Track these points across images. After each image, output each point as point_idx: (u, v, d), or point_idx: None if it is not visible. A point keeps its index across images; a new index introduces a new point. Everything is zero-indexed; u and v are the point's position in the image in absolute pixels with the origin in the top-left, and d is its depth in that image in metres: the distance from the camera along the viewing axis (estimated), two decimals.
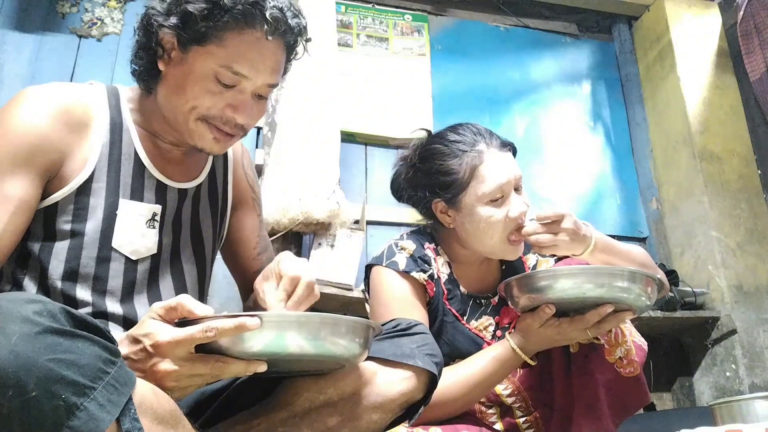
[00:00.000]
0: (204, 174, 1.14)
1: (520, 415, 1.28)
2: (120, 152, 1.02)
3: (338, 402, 0.87)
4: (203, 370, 0.74)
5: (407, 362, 0.91)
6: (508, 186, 1.22)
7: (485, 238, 1.22)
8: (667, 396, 2.64)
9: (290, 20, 1.00)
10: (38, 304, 0.60)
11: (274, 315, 0.80)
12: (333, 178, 2.21)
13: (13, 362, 0.55)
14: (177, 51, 0.97)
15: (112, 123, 1.02)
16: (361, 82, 2.67)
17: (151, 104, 1.05)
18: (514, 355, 1.16)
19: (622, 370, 1.16)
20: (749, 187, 2.70)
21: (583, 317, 1.09)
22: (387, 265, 1.24)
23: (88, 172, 0.98)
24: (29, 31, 2.38)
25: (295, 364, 0.83)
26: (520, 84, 2.94)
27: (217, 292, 2.25)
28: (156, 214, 1.04)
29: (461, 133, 1.25)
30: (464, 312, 1.28)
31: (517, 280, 1.13)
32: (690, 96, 2.78)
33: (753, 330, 2.43)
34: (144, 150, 1.05)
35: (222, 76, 0.96)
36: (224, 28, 0.94)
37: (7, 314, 0.58)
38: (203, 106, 0.97)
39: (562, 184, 2.80)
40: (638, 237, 2.85)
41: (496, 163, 1.22)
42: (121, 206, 0.99)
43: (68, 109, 0.98)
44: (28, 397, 0.55)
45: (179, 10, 0.95)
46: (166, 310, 0.76)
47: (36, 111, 0.95)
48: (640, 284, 1.07)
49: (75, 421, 0.56)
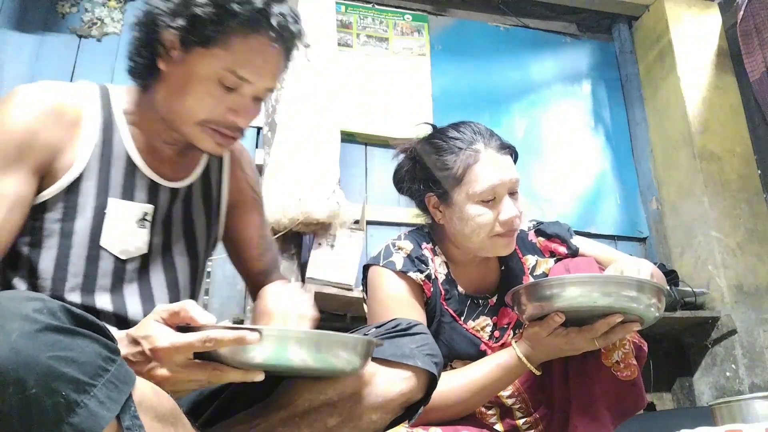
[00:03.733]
0: (197, 173, 1.13)
1: (520, 416, 1.28)
2: (111, 151, 1.02)
3: (338, 402, 0.86)
4: (200, 377, 0.75)
5: (407, 362, 0.90)
6: (502, 188, 1.20)
7: (473, 235, 1.22)
8: (667, 396, 2.64)
9: (291, 26, 1.00)
10: (38, 301, 0.60)
11: (275, 330, 0.82)
12: (333, 178, 2.21)
13: (14, 359, 0.55)
14: (178, 51, 0.97)
15: (104, 122, 1.02)
16: (361, 82, 2.67)
17: (147, 103, 1.04)
18: (520, 364, 1.16)
19: (619, 374, 1.15)
20: (749, 187, 2.70)
21: (592, 327, 1.08)
22: (384, 265, 1.24)
23: (78, 170, 0.98)
24: (29, 31, 2.38)
25: (295, 374, 0.85)
26: (520, 84, 2.94)
27: (217, 292, 2.25)
28: (147, 213, 1.03)
29: (461, 131, 1.25)
30: (462, 312, 1.28)
31: (526, 288, 1.12)
32: (690, 96, 2.78)
33: (753, 330, 2.43)
34: (136, 149, 1.04)
35: (225, 79, 0.96)
36: (230, 32, 0.95)
37: (7, 312, 0.58)
38: (204, 109, 0.98)
39: (562, 184, 2.80)
40: (638, 237, 2.85)
41: (492, 164, 1.21)
42: (110, 205, 0.99)
43: (59, 107, 0.98)
44: (29, 394, 0.55)
45: (187, 12, 0.94)
46: (169, 314, 0.76)
47: (26, 109, 0.95)
48: (650, 294, 1.06)
49: (75, 417, 0.57)
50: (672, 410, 2.54)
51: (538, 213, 2.62)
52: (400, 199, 1.47)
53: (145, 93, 1.05)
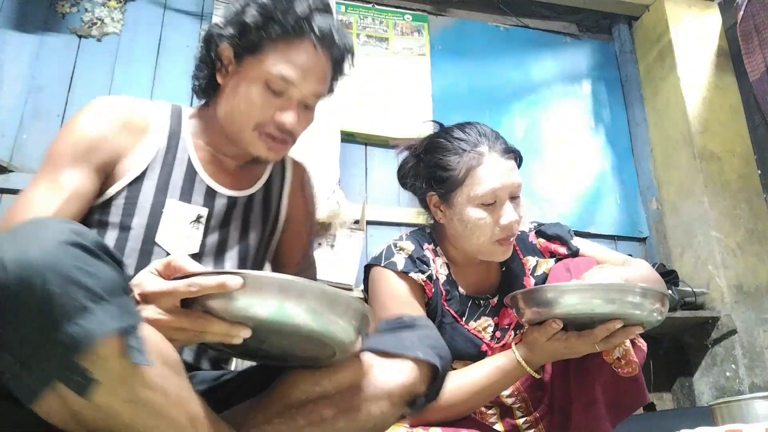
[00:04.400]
0: (258, 185, 1.21)
1: (520, 415, 1.28)
2: (174, 157, 1.12)
3: (335, 395, 0.86)
4: (186, 324, 0.76)
5: (406, 354, 0.89)
6: (503, 192, 1.20)
7: (472, 238, 1.22)
8: (667, 396, 2.64)
9: (335, 33, 1.10)
10: (78, 226, 0.68)
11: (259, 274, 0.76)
12: (333, 178, 2.21)
13: (41, 259, 0.62)
14: (233, 64, 1.08)
15: (171, 131, 1.13)
16: (361, 82, 2.67)
17: (210, 118, 1.15)
18: (519, 367, 1.16)
19: (620, 371, 1.16)
20: (749, 187, 2.70)
21: (592, 332, 1.08)
22: (385, 265, 1.24)
23: (140, 169, 1.08)
24: (29, 31, 2.37)
25: (284, 341, 0.80)
26: (520, 84, 2.94)
27: None
28: (201, 216, 1.11)
29: (467, 132, 1.26)
30: (463, 313, 1.28)
31: (523, 294, 1.12)
32: (690, 96, 2.78)
33: (753, 330, 2.43)
34: (198, 158, 1.14)
35: (272, 82, 1.05)
36: (276, 37, 1.05)
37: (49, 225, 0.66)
38: (255, 113, 1.07)
39: (562, 184, 2.80)
40: (638, 237, 2.85)
41: (495, 167, 1.21)
42: (167, 205, 1.08)
43: (128, 116, 1.10)
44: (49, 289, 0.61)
45: (236, 21, 1.07)
46: (163, 265, 0.79)
47: (98, 116, 1.07)
48: (651, 300, 1.06)
49: (84, 319, 0.62)
50: (672, 410, 2.54)
51: (538, 213, 2.62)
52: (400, 199, 1.47)
53: (208, 109, 1.16)
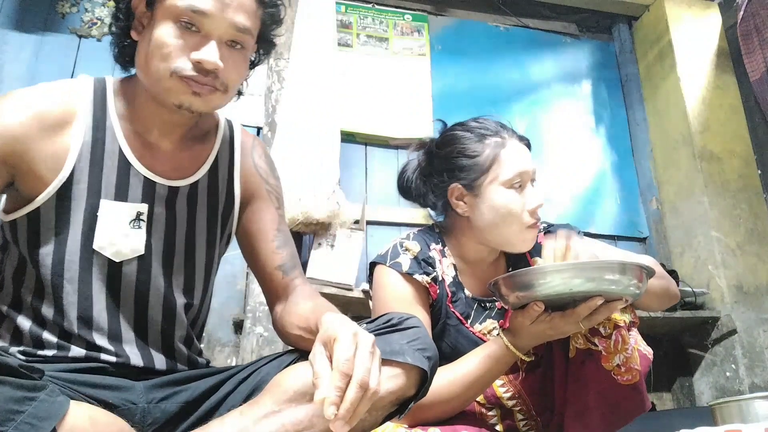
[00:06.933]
0: (202, 171, 1.09)
1: (521, 417, 1.27)
2: (103, 150, 1.00)
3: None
4: None
5: (396, 359, 0.87)
6: (527, 175, 1.25)
7: (503, 225, 1.23)
8: (667, 396, 2.64)
9: None
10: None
11: None
12: (333, 178, 2.21)
13: None
14: (146, 13, 0.98)
15: (94, 121, 1.00)
16: (361, 82, 2.67)
17: (134, 87, 1.03)
18: (508, 352, 1.15)
19: (620, 378, 1.14)
20: (749, 187, 2.70)
21: (574, 311, 1.08)
22: (390, 265, 1.24)
23: (67, 172, 0.96)
24: (29, 31, 2.38)
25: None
26: (520, 84, 2.94)
27: (217, 292, 2.23)
28: (141, 213, 1.00)
29: (483, 122, 1.30)
30: (468, 315, 1.27)
31: (504, 279, 1.12)
32: (690, 96, 2.78)
33: (753, 330, 2.43)
34: (129, 147, 1.02)
35: (182, 15, 0.94)
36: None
37: None
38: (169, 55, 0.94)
39: (562, 184, 2.80)
40: (638, 237, 2.85)
41: (518, 150, 1.26)
42: (102, 207, 0.97)
43: (43, 112, 0.97)
44: None
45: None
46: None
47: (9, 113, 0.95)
48: (628, 275, 1.06)
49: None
50: (672, 410, 2.54)
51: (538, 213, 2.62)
52: (400, 199, 1.46)
53: (132, 78, 1.04)
